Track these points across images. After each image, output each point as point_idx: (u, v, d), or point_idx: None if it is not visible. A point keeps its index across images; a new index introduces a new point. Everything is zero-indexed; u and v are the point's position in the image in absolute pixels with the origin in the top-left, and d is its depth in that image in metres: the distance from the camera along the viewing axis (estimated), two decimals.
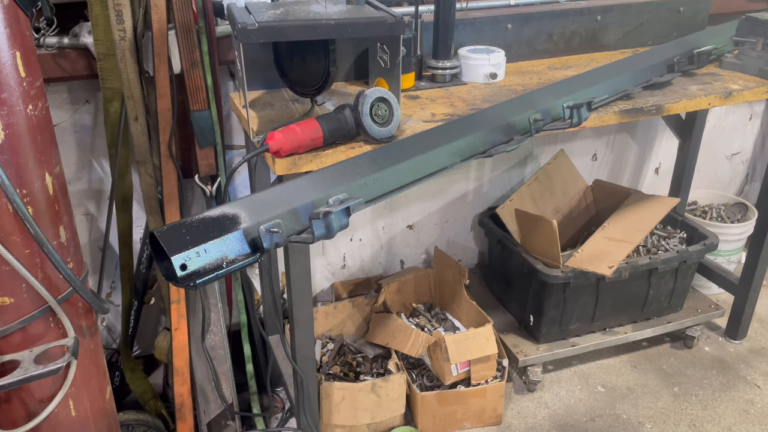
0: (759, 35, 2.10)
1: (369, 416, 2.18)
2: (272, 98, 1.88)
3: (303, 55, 1.71)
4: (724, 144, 3.22)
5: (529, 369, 2.42)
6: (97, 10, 1.76)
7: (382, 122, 1.56)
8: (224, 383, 2.06)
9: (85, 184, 2.14)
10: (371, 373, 2.28)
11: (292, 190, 1.22)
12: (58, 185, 1.37)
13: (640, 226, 2.42)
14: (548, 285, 2.29)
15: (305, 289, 1.73)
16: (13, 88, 1.22)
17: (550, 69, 2.20)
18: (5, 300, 1.29)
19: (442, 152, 1.48)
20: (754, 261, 2.51)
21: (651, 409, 2.37)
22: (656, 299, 2.52)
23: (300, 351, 1.81)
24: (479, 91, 1.98)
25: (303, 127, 1.49)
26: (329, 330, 2.48)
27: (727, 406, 2.37)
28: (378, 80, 1.80)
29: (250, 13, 1.54)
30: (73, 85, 2.00)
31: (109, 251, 2.21)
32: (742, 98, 2.00)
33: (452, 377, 2.21)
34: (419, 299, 2.63)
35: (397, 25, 1.56)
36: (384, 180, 1.36)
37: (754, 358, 2.61)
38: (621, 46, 2.41)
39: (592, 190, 2.80)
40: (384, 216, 2.64)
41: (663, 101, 1.89)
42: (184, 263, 0.99)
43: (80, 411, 1.47)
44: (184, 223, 1.05)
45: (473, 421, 2.28)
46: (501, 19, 2.19)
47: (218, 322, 2.08)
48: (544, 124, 1.67)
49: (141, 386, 2.19)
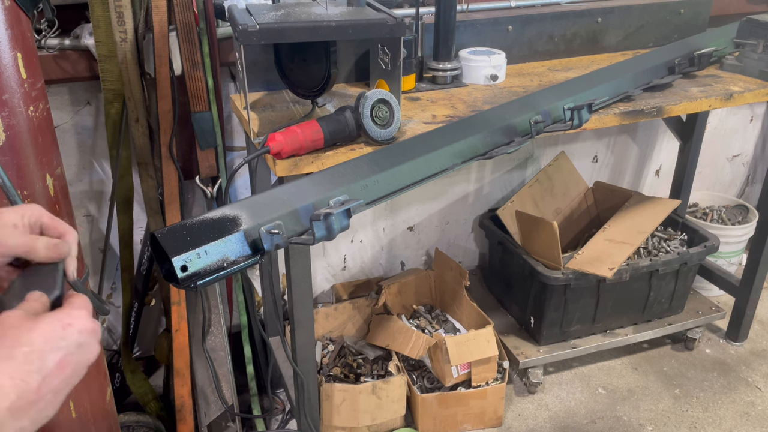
0: (760, 37, 2.10)
1: (369, 418, 2.18)
2: (273, 100, 1.88)
3: (304, 57, 1.71)
4: (724, 146, 3.22)
5: (530, 371, 2.42)
6: (99, 12, 1.76)
7: (382, 124, 1.56)
8: (225, 385, 2.06)
9: (86, 185, 2.14)
10: (372, 375, 2.27)
11: (293, 191, 1.22)
12: (59, 186, 1.37)
13: (641, 227, 2.42)
14: (549, 287, 2.29)
15: (306, 290, 1.73)
16: (14, 89, 1.22)
17: (550, 71, 2.20)
18: None
19: (442, 154, 1.48)
20: (754, 263, 2.50)
21: (652, 411, 2.36)
22: (657, 301, 2.52)
23: (300, 352, 1.81)
24: (480, 92, 1.99)
25: (304, 128, 1.49)
26: (330, 331, 2.48)
27: (728, 408, 2.37)
28: (379, 82, 1.80)
29: (251, 15, 1.54)
30: (74, 86, 2.00)
31: (110, 252, 2.21)
32: (743, 100, 2.00)
33: (453, 379, 2.21)
34: (420, 301, 2.63)
35: (397, 27, 1.56)
36: (385, 181, 1.36)
37: (755, 360, 2.61)
38: (622, 47, 2.41)
39: (592, 191, 2.80)
40: (385, 217, 2.64)
41: (664, 103, 1.89)
42: (184, 264, 0.99)
43: (81, 412, 1.47)
44: (184, 224, 1.05)
45: (474, 423, 2.28)
46: (502, 20, 2.19)
47: (219, 324, 2.08)
48: (544, 125, 1.67)
49: (141, 387, 2.19)
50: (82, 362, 0.66)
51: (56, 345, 0.63)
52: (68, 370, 0.64)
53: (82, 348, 0.66)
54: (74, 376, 0.65)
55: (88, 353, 0.67)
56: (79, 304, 0.69)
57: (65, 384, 0.64)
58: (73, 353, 0.64)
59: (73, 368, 0.65)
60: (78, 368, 0.65)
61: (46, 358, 0.62)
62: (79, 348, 0.65)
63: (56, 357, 0.63)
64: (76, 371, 0.65)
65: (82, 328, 0.66)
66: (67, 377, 0.64)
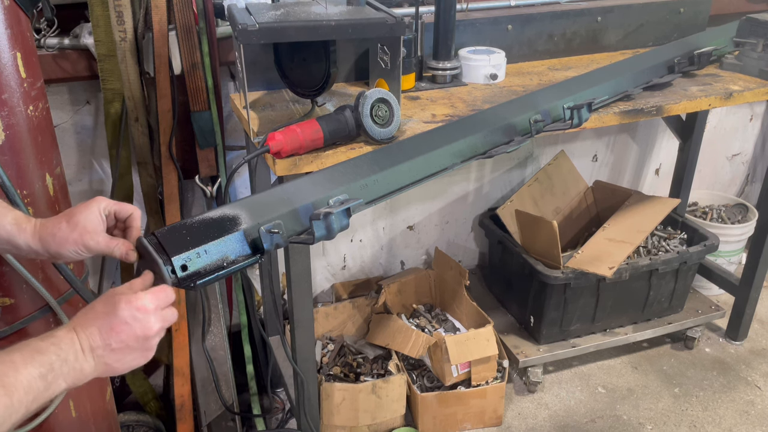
0: (759, 36, 2.10)
1: (369, 417, 2.18)
2: (273, 99, 1.88)
3: (303, 56, 1.71)
4: (724, 145, 3.22)
5: (530, 370, 2.42)
6: (98, 11, 1.76)
7: (382, 123, 1.56)
8: (224, 384, 2.06)
9: (85, 184, 2.14)
10: (372, 374, 2.27)
11: (293, 191, 1.22)
12: (58, 186, 1.37)
13: (641, 227, 2.42)
14: (549, 286, 2.29)
15: (306, 289, 1.73)
16: (13, 88, 1.22)
17: (550, 70, 2.20)
18: (6, 300, 1.29)
19: (442, 153, 1.48)
20: (754, 262, 2.50)
21: (651, 410, 2.37)
22: (657, 300, 2.52)
23: (300, 352, 1.81)
24: (480, 92, 1.98)
25: (303, 127, 1.49)
26: (330, 331, 2.48)
27: (728, 407, 2.37)
28: (378, 81, 1.80)
29: (250, 14, 1.54)
30: (74, 86, 2.00)
31: None
32: (743, 99, 2.00)
33: (453, 378, 2.21)
34: (420, 300, 2.63)
35: (397, 26, 1.56)
36: (384, 181, 1.36)
37: (754, 359, 2.61)
38: (621, 47, 2.41)
39: (592, 190, 2.80)
40: (384, 217, 2.64)
41: (663, 102, 1.89)
42: (184, 264, 0.99)
43: (81, 412, 1.47)
44: (184, 224, 1.05)
45: (474, 422, 2.28)
46: (501, 20, 2.19)
47: (219, 323, 2.08)
48: (544, 124, 1.67)
49: (141, 387, 2.19)
50: (135, 331, 0.86)
51: (118, 313, 0.85)
52: (122, 335, 0.85)
53: (137, 321, 0.86)
54: (130, 342, 0.86)
55: (141, 327, 0.86)
56: (148, 288, 0.92)
57: (121, 344, 0.85)
58: (127, 323, 0.85)
59: (127, 334, 0.85)
60: (130, 336, 0.85)
61: (110, 320, 0.85)
62: (134, 320, 0.85)
63: (113, 322, 0.85)
64: (130, 337, 0.85)
65: (138, 306, 0.86)
66: (122, 340, 0.85)
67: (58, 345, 0.81)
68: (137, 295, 0.87)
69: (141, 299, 0.87)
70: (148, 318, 0.86)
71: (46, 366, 0.78)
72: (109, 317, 0.85)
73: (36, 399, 0.77)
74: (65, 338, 0.82)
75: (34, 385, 0.76)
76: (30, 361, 0.77)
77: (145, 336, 0.86)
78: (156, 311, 0.88)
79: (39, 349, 0.79)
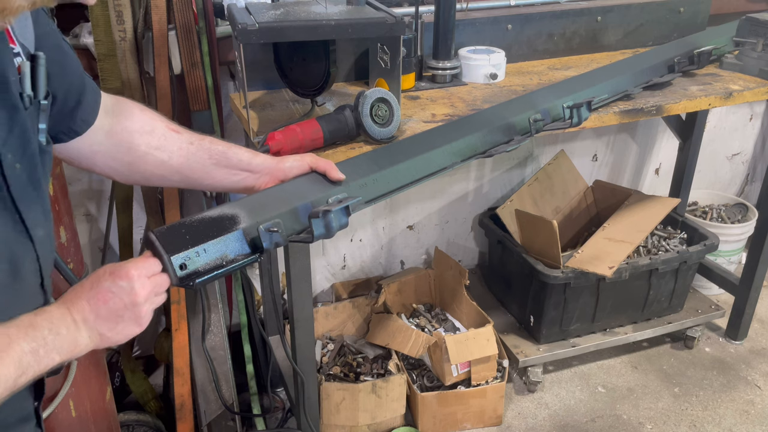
0: (759, 36, 2.10)
1: (369, 417, 2.18)
2: (272, 99, 1.88)
3: (303, 56, 1.71)
4: (724, 144, 3.22)
5: (530, 369, 2.42)
6: (98, 11, 1.76)
7: (382, 123, 1.56)
8: (224, 384, 2.06)
9: (85, 184, 2.14)
10: (371, 374, 2.27)
11: (292, 190, 1.22)
12: (58, 186, 1.37)
13: (641, 226, 2.42)
14: (548, 285, 2.29)
15: (305, 289, 1.73)
16: None
17: (550, 69, 2.20)
18: None
19: (442, 152, 1.48)
20: (754, 261, 2.50)
21: (651, 409, 2.36)
22: (656, 300, 2.52)
23: (300, 351, 1.81)
24: (479, 91, 1.99)
25: (303, 127, 1.49)
26: (329, 330, 2.48)
27: (728, 407, 2.37)
28: (378, 81, 1.80)
29: (250, 14, 1.54)
30: None
31: (110, 252, 2.21)
32: (743, 99, 2.00)
33: (452, 378, 2.21)
34: (419, 300, 2.63)
35: (397, 26, 1.56)
36: (384, 180, 1.36)
37: (754, 359, 2.61)
38: (621, 46, 2.41)
39: (592, 190, 2.80)
40: (384, 216, 2.64)
41: (663, 102, 1.89)
42: (183, 263, 0.99)
43: (80, 411, 1.47)
44: (183, 223, 1.05)
45: (473, 422, 2.28)
46: (501, 19, 2.19)
47: (218, 323, 2.08)
48: (544, 124, 1.67)
49: (141, 387, 2.19)
50: (123, 298, 0.87)
51: (102, 283, 0.87)
52: (110, 303, 0.86)
53: (122, 289, 0.87)
54: (118, 310, 0.87)
55: (127, 294, 0.87)
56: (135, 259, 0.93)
57: (110, 312, 0.87)
58: (112, 291, 0.87)
59: (114, 302, 0.86)
60: (118, 304, 0.86)
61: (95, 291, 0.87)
62: (119, 288, 0.87)
63: (99, 291, 0.87)
64: (118, 305, 0.87)
65: (121, 274, 0.88)
66: (110, 308, 0.86)
67: (50, 320, 0.82)
68: (120, 264, 0.90)
69: (123, 267, 0.89)
70: (132, 285, 0.88)
71: (38, 340, 0.79)
72: (94, 288, 0.87)
73: (25, 374, 0.77)
74: (56, 312, 0.84)
75: (24, 360, 0.77)
76: (23, 336, 0.78)
77: (132, 302, 0.88)
78: (140, 278, 0.89)
79: (33, 324, 0.80)
